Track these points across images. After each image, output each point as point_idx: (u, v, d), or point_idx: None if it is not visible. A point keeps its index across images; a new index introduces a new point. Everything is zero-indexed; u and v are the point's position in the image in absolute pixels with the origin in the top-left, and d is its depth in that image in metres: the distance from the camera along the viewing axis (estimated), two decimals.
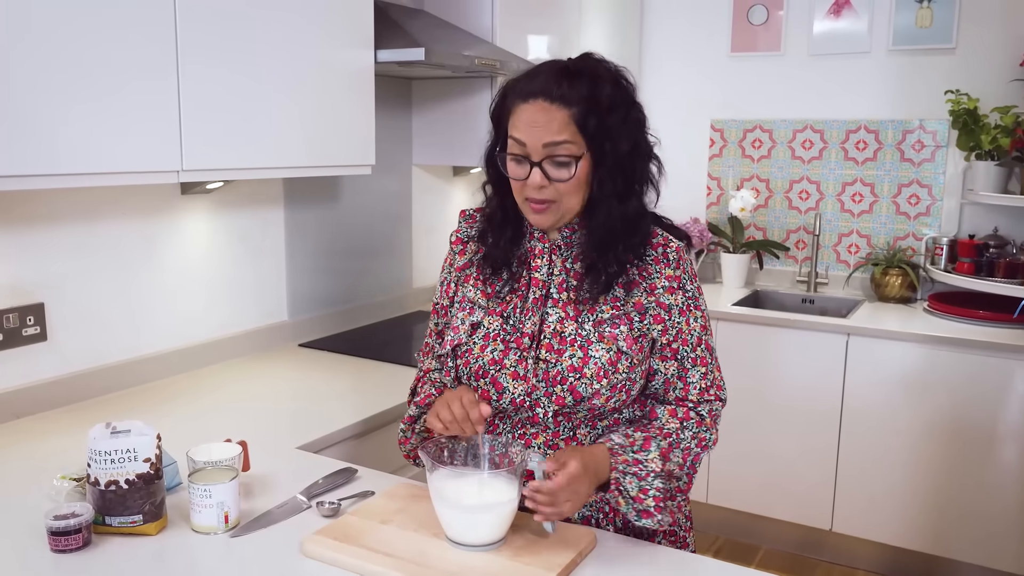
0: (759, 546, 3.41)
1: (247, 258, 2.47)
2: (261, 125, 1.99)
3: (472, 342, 1.44)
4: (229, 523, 1.38)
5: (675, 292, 1.40)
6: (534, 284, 1.43)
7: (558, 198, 1.36)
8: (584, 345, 1.37)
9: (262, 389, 2.21)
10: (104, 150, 1.66)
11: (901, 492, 3.08)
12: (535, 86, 1.33)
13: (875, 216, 3.60)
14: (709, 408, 1.43)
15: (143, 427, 1.39)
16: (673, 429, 1.39)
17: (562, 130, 1.32)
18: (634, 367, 1.38)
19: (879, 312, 3.33)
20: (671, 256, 1.40)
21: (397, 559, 1.26)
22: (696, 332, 1.42)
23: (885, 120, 3.51)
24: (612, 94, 1.35)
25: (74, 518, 1.32)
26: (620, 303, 1.39)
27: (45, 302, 1.96)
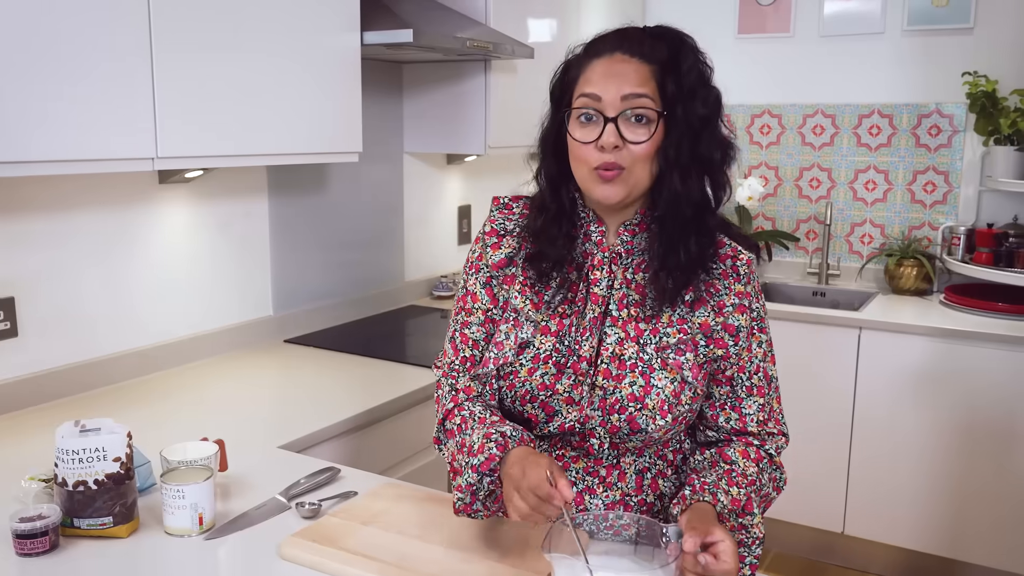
0: (769, 550, 3.32)
1: (230, 250, 2.38)
2: (241, 111, 1.90)
3: (520, 363, 1.27)
4: (204, 525, 1.32)
5: (744, 312, 1.25)
6: (593, 300, 1.26)
7: (630, 165, 1.19)
8: (646, 372, 1.22)
9: (245, 387, 2.12)
10: (74, 137, 1.58)
11: (916, 493, 2.98)
12: (612, 43, 1.23)
13: (889, 205, 3.49)
14: (776, 446, 1.29)
15: (113, 425, 1.33)
16: (753, 474, 1.24)
17: (644, 83, 1.18)
18: (696, 397, 1.25)
19: (893, 305, 3.23)
20: (741, 270, 1.25)
21: (378, 562, 1.19)
22: (757, 358, 1.27)
23: (899, 104, 3.40)
24: (694, 63, 1.21)
25: (40, 520, 1.26)
26: (687, 324, 1.24)
27: (15, 296, 1.88)
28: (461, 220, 3.31)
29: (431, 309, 2.95)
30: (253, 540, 1.31)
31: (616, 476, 1.29)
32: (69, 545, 1.28)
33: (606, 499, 1.28)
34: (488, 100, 2.73)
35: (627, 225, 1.27)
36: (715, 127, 1.23)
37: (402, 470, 2.05)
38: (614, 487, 1.29)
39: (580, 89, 1.22)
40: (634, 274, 1.27)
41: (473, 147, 2.81)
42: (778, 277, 3.72)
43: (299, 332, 2.57)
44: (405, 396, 2.04)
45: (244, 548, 1.29)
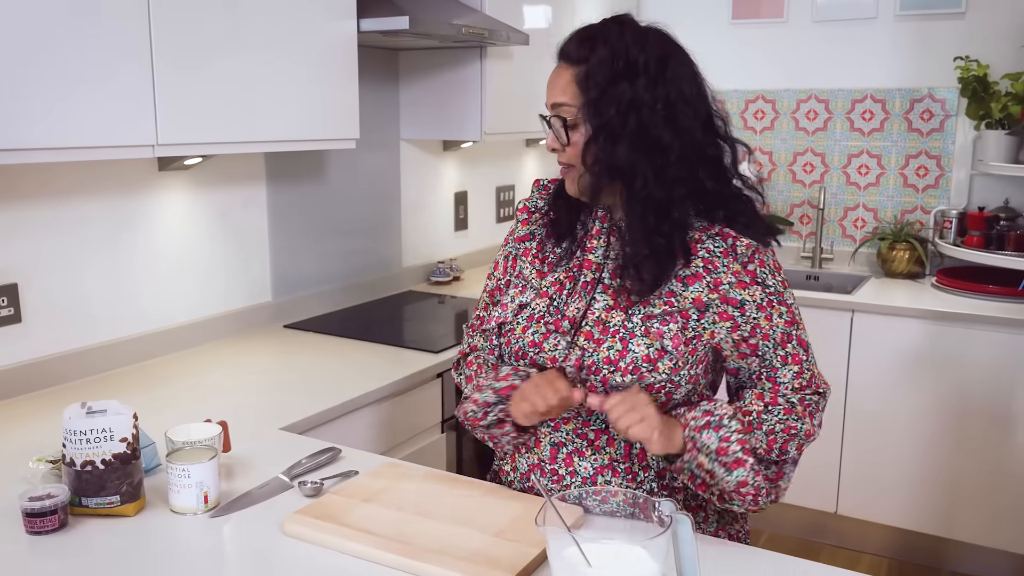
0: (763, 530, 3.36)
1: (229, 237, 2.41)
2: (239, 98, 1.92)
3: (517, 321, 1.38)
4: (209, 503, 1.35)
5: (749, 287, 1.29)
6: (586, 266, 1.35)
7: (575, 162, 1.31)
8: (626, 338, 1.28)
9: (245, 371, 2.15)
10: (76, 124, 1.60)
11: (908, 473, 3.02)
12: (559, 52, 1.33)
13: (882, 189, 3.53)
14: (800, 397, 1.33)
15: (119, 406, 1.36)
16: (755, 410, 1.31)
17: (565, 90, 1.29)
18: (677, 369, 1.28)
19: (886, 288, 3.26)
20: (740, 250, 1.29)
21: (378, 537, 1.22)
22: (780, 328, 1.31)
23: (892, 89, 3.43)
24: (622, 55, 1.25)
25: (49, 499, 1.29)
26: (676, 298, 1.29)
27: (19, 283, 1.90)
28: (458, 206, 3.33)
29: (428, 295, 2.98)
30: (257, 518, 1.34)
31: (604, 441, 1.34)
32: (77, 523, 1.31)
33: (595, 462, 1.34)
34: (484, 87, 2.75)
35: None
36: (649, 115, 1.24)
37: (401, 452, 2.08)
38: (602, 451, 1.34)
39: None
40: (617, 256, 1.35)
41: (469, 134, 2.83)
42: None
43: (298, 317, 2.59)
44: (403, 379, 2.07)
45: (248, 525, 1.32)
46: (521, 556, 1.16)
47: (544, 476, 1.38)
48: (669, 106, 1.25)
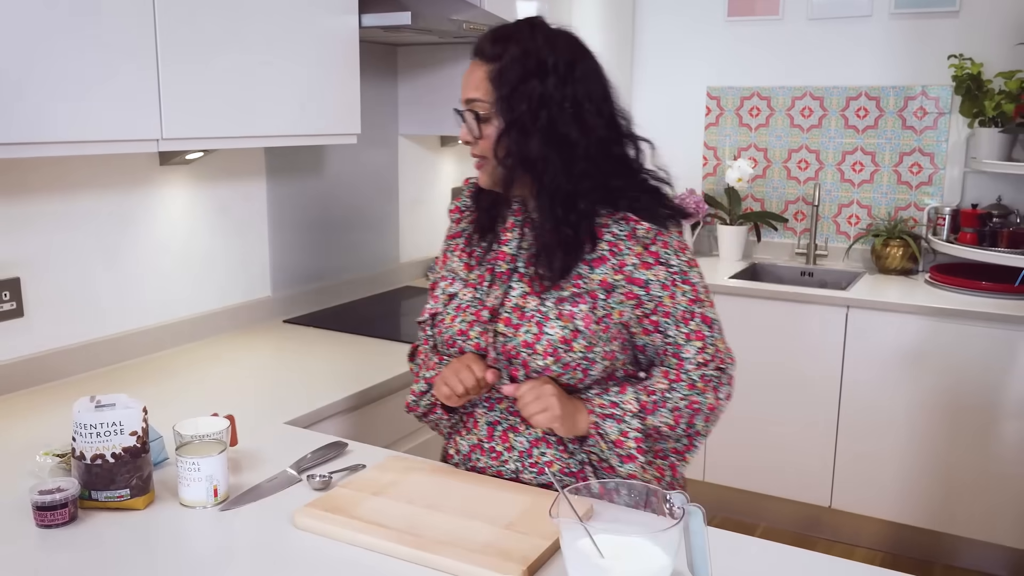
0: (757, 524, 3.39)
1: (228, 232, 2.41)
2: (243, 93, 1.92)
3: (447, 312, 1.47)
4: (218, 497, 1.36)
5: (653, 267, 1.36)
6: (501, 257, 1.44)
7: (487, 155, 1.37)
8: (541, 321, 1.36)
9: (246, 366, 2.15)
10: (81, 118, 1.60)
11: (901, 467, 3.05)
12: (474, 49, 1.39)
13: (876, 186, 3.55)
14: (701, 374, 1.39)
15: (128, 400, 1.36)
16: (660, 388, 1.38)
17: (478, 87, 1.36)
18: (591, 347, 1.36)
19: (880, 284, 3.29)
20: (640, 233, 1.36)
21: (390, 529, 1.23)
22: (683, 306, 1.37)
23: (886, 86, 3.46)
24: (533, 55, 1.33)
25: (60, 493, 1.29)
26: (583, 280, 1.37)
27: (21, 277, 1.90)
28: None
29: (426, 290, 2.98)
30: (267, 511, 1.34)
31: None
32: (87, 517, 1.31)
33: (529, 436, 1.43)
34: None
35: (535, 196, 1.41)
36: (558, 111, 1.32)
37: (404, 445, 2.09)
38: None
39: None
40: (530, 246, 1.42)
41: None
42: (766, 257, 3.78)
43: (297, 312, 2.60)
44: (405, 374, 2.07)
45: (258, 518, 1.32)
46: (532, 548, 1.18)
47: (483, 454, 1.46)
48: (576, 104, 1.34)
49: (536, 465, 1.42)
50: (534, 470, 1.42)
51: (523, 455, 1.43)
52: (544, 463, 1.46)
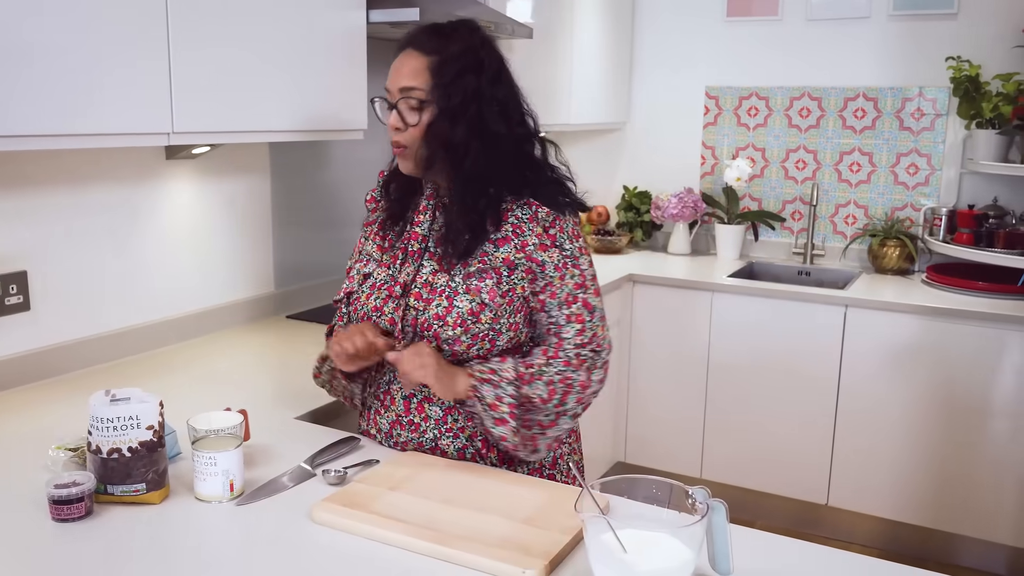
0: (753, 521, 3.40)
1: (233, 227, 2.40)
2: (251, 88, 1.92)
3: (361, 290, 1.57)
4: (235, 491, 1.36)
5: (549, 249, 1.47)
6: (414, 237, 1.54)
7: (410, 143, 1.46)
8: (451, 296, 1.46)
9: (252, 361, 2.15)
10: (93, 110, 1.59)
11: (898, 466, 3.08)
12: (406, 40, 1.48)
13: (873, 186, 3.58)
14: (577, 353, 1.47)
15: (143, 394, 1.36)
16: (538, 363, 1.46)
17: (416, 76, 1.44)
18: (497, 319, 1.46)
19: (876, 284, 3.32)
20: (540, 216, 1.47)
21: (408, 524, 1.23)
22: (568, 289, 1.48)
23: (884, 87, 3.48)
24: (472, 53, 1.45)
25: (76, 487, 1.28)
26: (488, 257, 1.47)
27: (28, 270, 1.89)
28: None
29: None
30: (283, 505, 1.34)
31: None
32: (103, 511, 1.31)
33: (442, 405, 1.52)
34: None
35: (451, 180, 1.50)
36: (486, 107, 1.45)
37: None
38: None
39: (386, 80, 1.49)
40: (440, 229, 1.51)
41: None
42: (764, 256, 3.80)
43: (301, 308, 2.59)
44: None
45: (275, 513, 1.32)
46: (553, 543, 1.18)
47: (403, 428, 1.54)
48: (502, 103, 1.47)
49: (452, 431, 1.51)
50: (450, 435, 1.51)
51: (439, 423, 1.52)
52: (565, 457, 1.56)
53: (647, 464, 3.53)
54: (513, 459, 1.54)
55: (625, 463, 3.58)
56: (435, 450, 1.53)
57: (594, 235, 3.88)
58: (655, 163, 3.97)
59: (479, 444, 1.52)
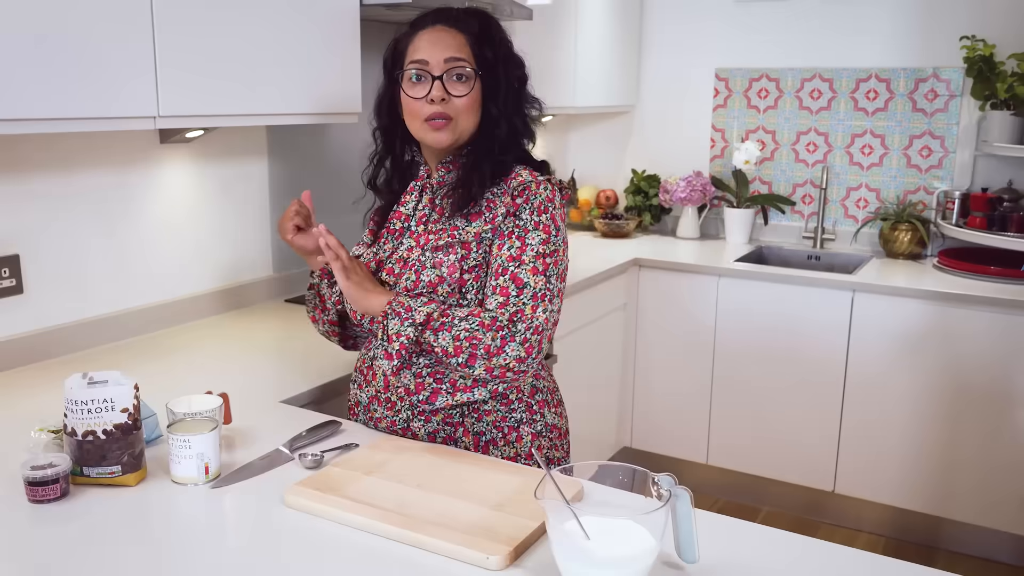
0: (760, 508, 3.38)
1: (230, 211, 2.40)
2: (242, 70, 1.91)
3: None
4: (209, 474, 1.36)
5: (509, 218, 1.47)
6: (396, 216, 1.59)
7: (456, 115, 1.48)
8: (419, 270, 1.49)
9: (247, 344, 2.15)
10: (76, 95, 1.58)
11: (906, 452, 3.04)
12: (432, 18, 1.52)
13: (885, 169, 3.51)
14: (494, 317, 1.41)
15: (120, 377, 1.36)
16: (456, 316, 1.42)
17: (460, 49, 1.48)
18: (452, 294, 1.47)
19: (887, 268, 3.26)
20: (513, 186, 1.49)
21: (378, 509, 1.23)
22: (500, 260, 1.45)
23: (897, 68, 3.41)
24: (501, 35, 1.55)
25: (51, 468, 1.29)
26: (459, 232, 1.49)
27: (20, 254, 1.90)
28: None
29: None
30: (258, 489, 1.34)
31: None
32: (79, 493, 1.31)
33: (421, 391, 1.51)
34: None
35: (443, 162, 1.56)
36: (525, 90, 1.56)
37: None
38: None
39: (410, 56, 1.50)
40: (441, 200, 1.55)
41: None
42: (773, 240, 3.75)
43: (300, 292, 2.59)
44: None
45: (249, 497, 1.32)
46: (520, 529, 1.17)
47: (380, 405, 1.56)
48: (521, 83, 1.56)
49: (423, 414, 1.51)
50: (422, 418, 1.52)
51: (413, 405, 1.51)
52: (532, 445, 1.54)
53: (653, 449, 3.51)
54: (487, 445, 1.54)
55: (631, 448, 3.57)
56: (406, 431, 1.53)
57: (602, 219, 3.85)
58: (664, 146, 3.92)
59: (451, 430, 1.52)
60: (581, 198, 4.02)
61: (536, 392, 1.59)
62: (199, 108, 1.83)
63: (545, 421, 1.60)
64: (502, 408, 1.54)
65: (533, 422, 1.57)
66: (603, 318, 3.24)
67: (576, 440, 3.20)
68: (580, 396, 3.14)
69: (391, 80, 1.57)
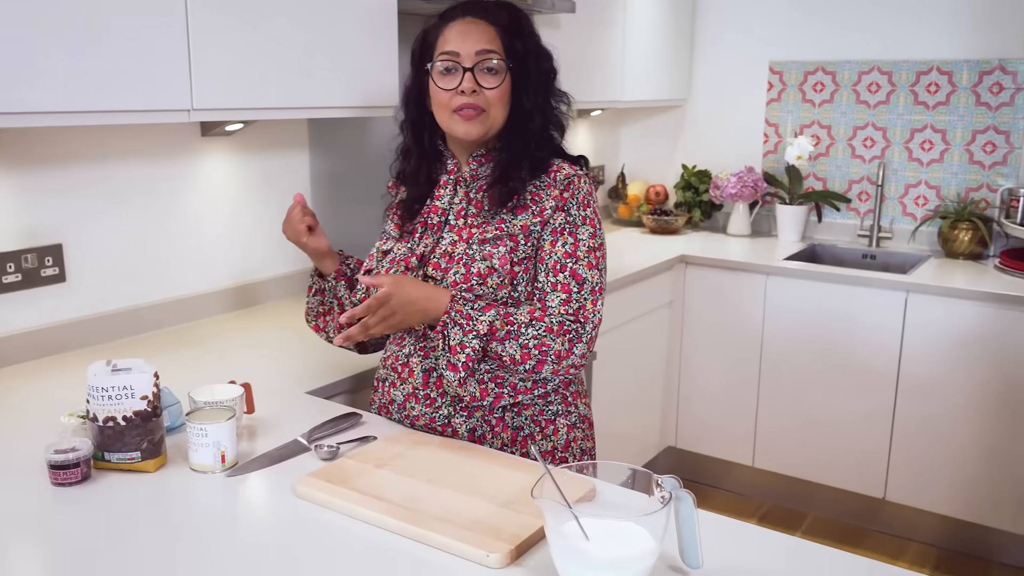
0: (806, 513, 3.29)
1: (270, 203, 2.43)
2: (277, 63, 1.93)
3: (381, 265, 1.60)
4: (226, 463, 1.37)
5: (558, 213, 1.48)
6: (433, 211, 1.57)
7: (487, 106, 1.48)
8: (468, 263, 1.48)
9: (282, 335, 2.17)
10: (110, 88, 1.62)
11: (960, 460, 2.92)
12: (462, 10, 1.51)
13: (946, 165, 3.38)
14: (562, 321, 1.43)
15: (143, 365, 1.38)
16: (520, 321, 1.42)
17: (491, 41, 1.48)
18: (503, 286, 1.46)
19: (945, 268, 3.14)
20: (559, 178, 1.50)
21: (385, 503, 1.22)
22: (557, 256, 1.46)
23: (960, 60, 3.27)
24: (530, 28, 1.54)
25: (73, 452, 1.32)
26: (505, 225, 1.49)
27: (63, 243, 1.96)
28: None
29: None
30: (272, 479, 1.36)
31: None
32: (100, 477, 1.35)
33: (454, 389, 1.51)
34: None
35: (475, 156, 1.55)
36: (554, 83, 1.56)
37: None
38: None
39: (440, 48, 1.50)
40: (476, 193, 1.54)
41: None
42: (827, 238, 3.64)
43: None
44: None
45: (262, 486, 1.34)
46: (524, 527, 1.15)
47: (418, 402, 1.54)
48: (550, 76, 1.56)
49: (466, 409, 1.51)
50: (463, 414, 1.51)
51: (455, 399, 1.51)
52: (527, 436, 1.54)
53: (698, 450, 3.45)
54: (524, 440, 1.54)
55: (676, 448, 3.51)
56: (447, 427, 1.52)
57: (650, 215, 3.79)
58: (716, 141, 3.84)
59: (489, 427, 1.52)
60: (630, 193, 3.96)
61: (571, 383, 1.60)
62: (234, 101, 1.85)
63: (579, 412, 1.61)
64: (540, 402, 1.55)
65: (568, 414, 1.58)
66: (648, 315, 3.19)
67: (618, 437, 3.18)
68: (623, 393, 3.10)
69: (419, 72, 1.56)
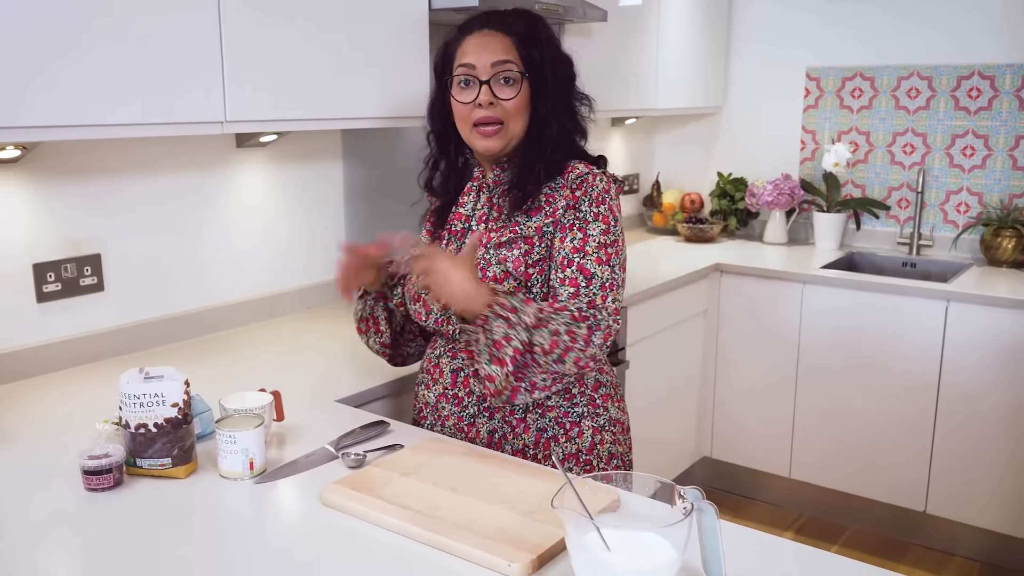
0: (845, 526, 3.23)
1: (304, 213, 2.46)
2: (310, 74, 1.95)
3: (411, 273, 1.59)
4: (255, 470, 1.39)
5: (569, 211, 1.49)
6: (457, 218, 1.61)
7: (505, 119, 1.50)
8: (484, 268, 1.50)
9: (316, 344, 2.20)
10: (145, 100, 1.65)
11: (1003, 472, 2.84)
12: (479, 22, 1.54)
13: (988, 172, 3.31)
14: (579, 307, 1.43)
15: (174, 373, 1.41)
16: (548, 310, 1.42)
17: (507, 52, 1.50)
18: (520, 288, 1.48)
19: (987, 277, 3.07)
20: (571, 178, 1.51)
21: (409, 511, 1.23)
22: (564, 252, 1.47)
23: (1002, 64, 3.20)
24: (548, 35, 1.56)
25: (106, 458, 1.35)
26: (520, 227, 1.51)
27: (102, 253, 2.00)
28: None
29: None
30: (299, 486, 1.37)
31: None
32: (132, 482, 1.37)
33: (478, 388, 1.56)
34: None
35: (499, 163, 1.58)
36: (573, 89, 1.58)
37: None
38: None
39: (458, 60, 1.53)
40: (498, 199, 1.57)
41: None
42: (866, 246, 3.59)
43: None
44: None
45: (289, 493, 1.35)
46: (546, 537, 1.15)
47: (448, 402, 1.59)
48: (568, 83, 1.58)
49: (488, 410, 1.54)
50: (486, 415, 1.55)
51: (480, 399, 1.54)
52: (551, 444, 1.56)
53: (734, 460, 3.41)
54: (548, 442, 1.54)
55: (711, 458, 3.47)
56: (471, 428, 1.55)
57: (685, 223, 3.76)
58: (752, 148, 3.81)
59: (510, 428, 1.55)
60: (665, 202, 3.94)
61: (600, 386, 1.60)
62: (267, 113, 1.88)
63: (609, 415, 1.61)
64: (564, 403, 1.55)
65: (596, 416, 1.58)
66: (682, 324, 3.17)
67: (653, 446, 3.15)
68: (656, 401, 3.08)
69: (441, 84, 1.59)
